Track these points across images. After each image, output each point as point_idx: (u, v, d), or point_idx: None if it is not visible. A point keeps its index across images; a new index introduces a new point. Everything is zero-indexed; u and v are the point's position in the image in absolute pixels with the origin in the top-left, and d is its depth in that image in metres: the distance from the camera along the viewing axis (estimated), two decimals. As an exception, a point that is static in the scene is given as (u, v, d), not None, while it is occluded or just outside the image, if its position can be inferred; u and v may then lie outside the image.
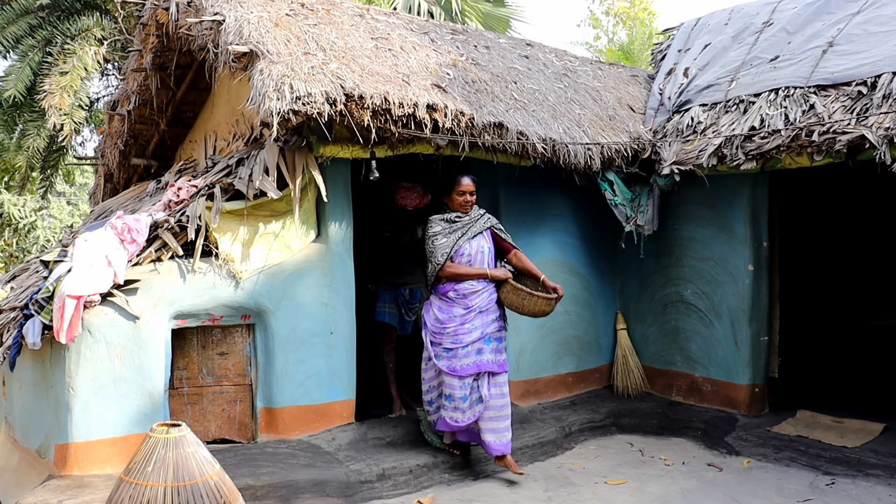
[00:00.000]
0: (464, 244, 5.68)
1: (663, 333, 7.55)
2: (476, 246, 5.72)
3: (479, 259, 5.71)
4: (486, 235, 5.81)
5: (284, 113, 5.18)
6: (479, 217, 5.83)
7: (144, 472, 3.89)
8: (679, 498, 5.39)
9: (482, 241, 5.77)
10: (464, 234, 5.69)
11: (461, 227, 5.73)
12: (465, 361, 5.60)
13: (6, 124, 15.63)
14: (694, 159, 6.65)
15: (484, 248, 5.75)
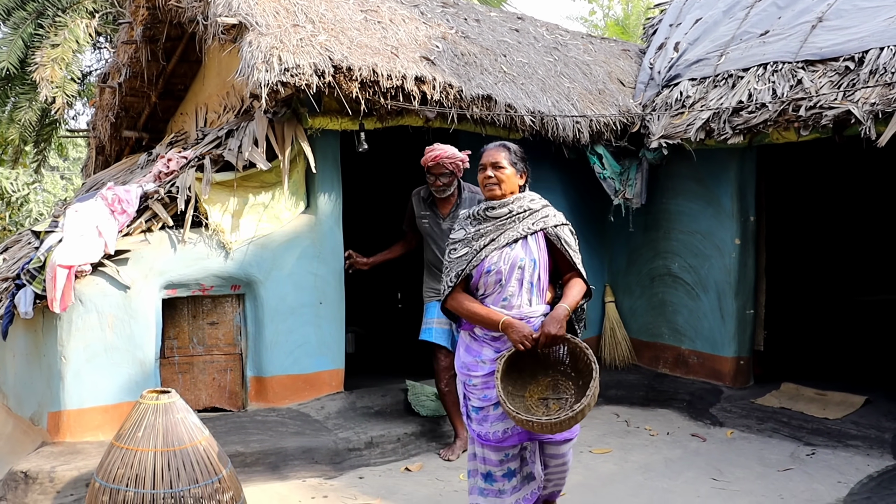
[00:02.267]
0: (490, 255, 3.76)
1: (651, 306, 7.62)
2: (513, 257, 3.74)
3: (512, 278, 3.73)
4: (536, 241, 3.80)
5: (273, 85, 5.21)
6: (527, 212, 3.84)
7: (135, 438, 3.96)
8: (662, 467, 5.48)
9: (525, 250, 3.77)
10: (493, 240, 3.78)
11: (492, 227, 3.82)
12: (498, 427, 3.83)
13: (-2, 97, 15.56)
14: (682, 133, 6.68)
15: (524, 260, 3.74)
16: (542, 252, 3.79)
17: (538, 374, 3.82)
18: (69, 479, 4.70)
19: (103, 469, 3.97)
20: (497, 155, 3.83)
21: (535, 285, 3.77)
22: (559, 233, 3.81)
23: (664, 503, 4.80)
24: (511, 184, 3.83)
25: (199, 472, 3.96)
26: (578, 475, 5.31)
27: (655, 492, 4.99)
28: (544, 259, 3.79)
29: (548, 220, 3.83)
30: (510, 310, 3.72)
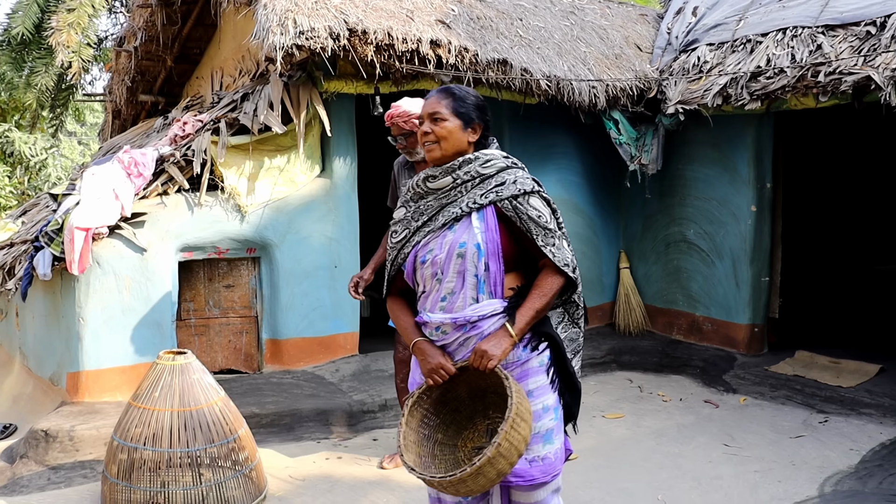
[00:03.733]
0: (425, 240, 2.83)
1: (665, 273, 7.61)
2: (450, 243, 2.77)
3: (451, 270, 2.77)
4: (484, 219, 2.76)
5: (288, 48, 5.20)
6: (477, 179, 2.79)
7: (152, 398, 4.02)
8: (674, 432, 5.50)
9: (467, 232, 2.76)
10: (430, 220, 2.84)
11: (433, 203, 2.85)
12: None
13: (15, 62, 15.60)
14: (699, 99, 6.63)
15: (465, 245, 2.74)
16: (490, 233, 2.72)
17: (476, 415, 2.84)
18: (88, 438, 4.77)
19: (121, 428, 4.03)
20: (436, 104, 2.81)
21: (484, 279, 2.72)
22: (519, 206, 2.72)
23: (676, 468, 4.82)
24: (456, 141, 2.78)
25: (215, 433, 4.02)
26: (591, 440, 5.34)
27: (667, 456, 5.02)
28: (494, 243, 2.72)
29: (502, 189, 2.73)
30: (450, 311, 2.74)
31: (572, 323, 2.94)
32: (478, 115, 2.84)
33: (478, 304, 2.72)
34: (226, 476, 4.03)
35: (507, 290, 2.76)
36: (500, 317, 2.70)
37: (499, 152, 2.86)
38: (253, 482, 4.17)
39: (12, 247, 5.83)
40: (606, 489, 4.50)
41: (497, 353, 2.59)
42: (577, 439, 5.31)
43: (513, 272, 2.80)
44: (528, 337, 2.75)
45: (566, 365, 2.85)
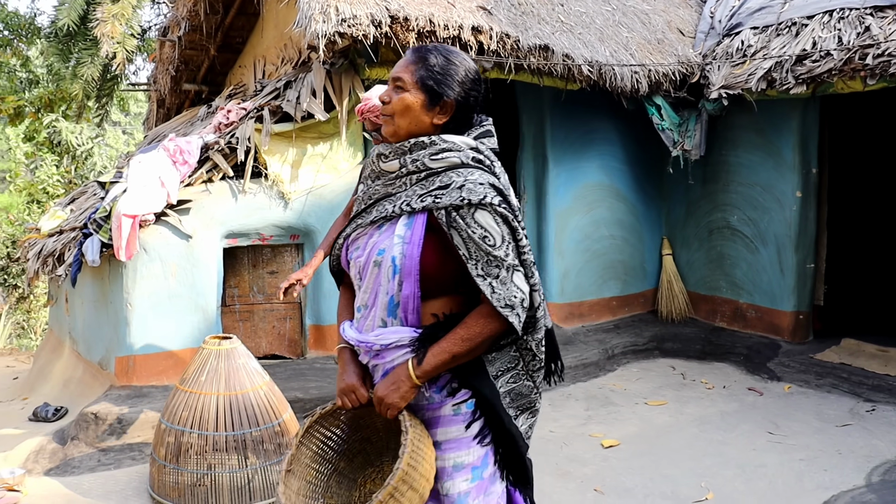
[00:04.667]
0: (356, 236, 2.38)
1: (709, 259, 7.54)
2: (371, 247, 2.29)
3: (367, 279, 2.29)
4: (411, 228, 2.21)
5: (330, 35, 5.22)
6: (423, 173, 2.23)
7: (198, 382, 4.08)
8: (718, 419, 5.46)
9: (388, 240, 2.24)
10: (366, 211, 2.37)
11: (380, 189, 2.35)
12: None
13: (62, 53, 15.87)
14: (743, 83, 6.55)
15: (382, 254, 2.23)
16: (412, 247, 2.16)
17: (386, 454, 2.45)
18: (136, 421, 4.87)
19: (169, 411, 4.10)
20: (403, 68, 2.26)
21: (398, 301, 2.20)
22: (458, 220, 2.12)
23: (719, 455, 4.80)
24: (413, 119, 2.23)
25: (260, 416, 4.07)
26: (634, 426, 5.34)
27: (710, 443, 4.99)
28: (413, 259, 2.16)
29: (443, 194, 2.14)
30: (361, 330, 2.30)
31: (527, 375, 2.32)
32: (455, 92, 2.23)
33: (385, 329, 2.22)
34: (270, 460, 4.08)
35: (429, 317, 2.22)
36: (406, 350, 2.18)
37: (465, 142, 2.24)
38: (298, 465, 4.22)
39: (62, 234, 5.94)
40: (649, 475, 4.49)
41: (395, 401, 2.14)
42: (620, 426, 5.33)
43: (449, 296, 2.24)
44: (446, 377, 2.22)
45: (502, 423, 2.26)
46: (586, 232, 7.40)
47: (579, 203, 7.34)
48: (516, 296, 2.13)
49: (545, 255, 7.26)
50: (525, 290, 2.16)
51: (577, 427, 5.37)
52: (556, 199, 7.21)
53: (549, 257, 7.23)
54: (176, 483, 4.00)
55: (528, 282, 2.19)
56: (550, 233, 7.21)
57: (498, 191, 2.17)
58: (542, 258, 7.28)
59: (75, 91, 15.81)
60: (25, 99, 17.42)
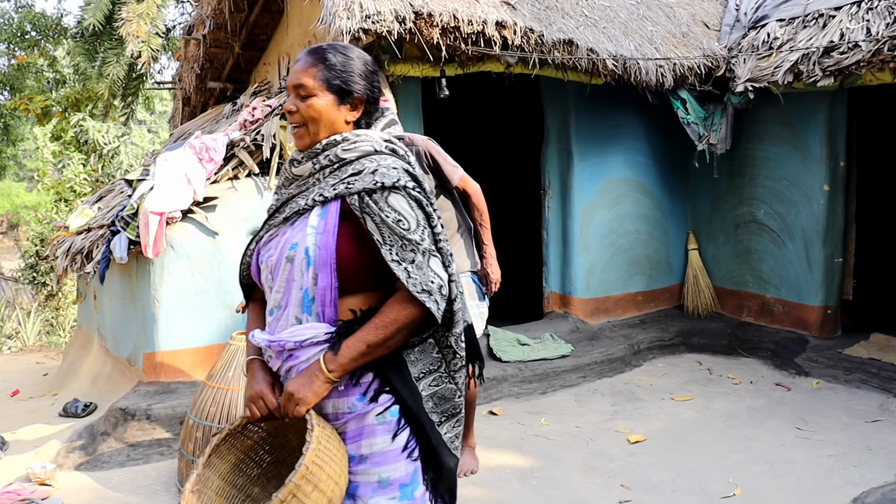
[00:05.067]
0: (269, 237, 2.24)
1: (735, 254, 7.49)
2: (283, 243, 2.17)
3: (279, 277, 2.16)
4: (324, 217, 2.11)
5: (354, 32, 5.23)
6: (335, 165, 2.16)
7: (226, 378, 4.11)
8: (745, 415, 5.43)
9: (300, 233, 2.13)
10: (277, 213, 2.27)
11: (295, 192, 2.24)
12: None
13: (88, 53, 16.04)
14: (769, 76, 6.49)
15: (295, 248, 2.11)
16: (326, 237, 2.07)
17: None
18: (164, 416, 4.91)
19: (196, 407, 4.13)
20: (303, 72, 2.16)
21: (312, 295, 2.08)
22: (371, 204, 2.04)
23: (747, 451, 4.77)
24: (328, 122, 2.16)
25: (287, 412, 4.09)
26: (660, 421, 5.32)
27: (738, 439, 4.96)
28: (328, 249, 2.06)
29: (356, 179, 2.07)
30: (273, 332, 2.15)
31: (449, 377, 2.19)
32: (361, 86, 2.20)
33: (299, 325, 2.09)
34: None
35: (347, 314, 2.10)
36: (323, 347, 2.05)
37: (377, 134, 2.21)
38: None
39: (90, 231, 5.99)
40: (676, 471, 4.48)
41: (306, 396, 1.99)
42: (646, 421, 5.31)
43: (367, 292, 2.13)
44: (367, 381, 2.07)
45: (424, 431, 2.11)
46: (611, 227, 7.37)
47: (604, 198, 7.31)
48: (433, 281, 2.04)
49: (570, 250, 7.24)
50: (443, 277, 2.07)
51: (603, 422, 5.35)
52: (581, 194, 7.19)
53: (574, 252, 7.21)
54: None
55: (445, 270, 2.10)
56: (575, 228, 7.20)
57: (412, 176, 2.13)
58: (567, 253, 7.26)
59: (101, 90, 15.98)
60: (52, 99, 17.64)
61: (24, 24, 18.16)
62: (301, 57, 2.20)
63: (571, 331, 6.89)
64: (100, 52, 15.67)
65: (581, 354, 6.43)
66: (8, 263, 27.49)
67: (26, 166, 32.14)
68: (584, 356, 6.38)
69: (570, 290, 7.28)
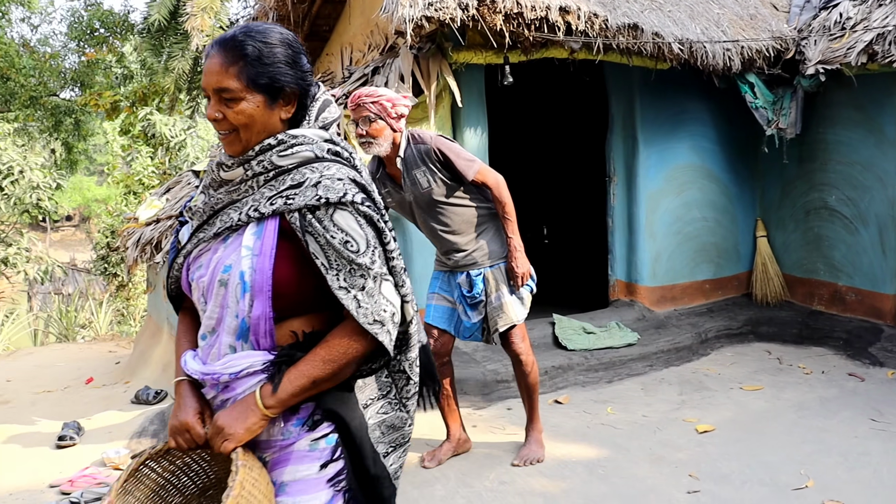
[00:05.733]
0: (198, 252, 1.97)
1: (805, 241, 7.32)
2: (215, 264, 1.90)
3: (212, 301, 1.90)
4: (260, 236, 1.85)
5: (417, 20, 5.23)
6: (271, 173, 1.88)
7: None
8: (817, 405, 5.31)
9: (234, 253, 1.86)
10: (208, 224, 1.96)
11: (224, 198, 1.94)
12: None
13: (154, 48, 16.36)
14: (841, 58, 6.31)
15: (229, 271, 1.85)
16: (262, 259, 1.82)
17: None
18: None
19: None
20: (222, 71, 1.84)
21: (249, 324, 1.84)
22: (313, 223, 1.80)
23: (819, 442, 4.66)
24: (261, 126, 1.88)
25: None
26: (729, 411, 5.23)
27: (810, 430, 4.85)
28: (264, 274, 1.81)
29: (297, 193, 1.82)
30: (206, 360, 1.93)
31: (399, 404, 2.02)
32: (291, 77, 1.89)
33: (233, 355, 1.86)
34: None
35: (286, 338, 1.87)
36: (260, 378, 1.83)
37: (317, 134, 1.92)
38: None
39: (158, 222, 6.11)
40: (746, 462, 4.40)
41: (237, 433, 1.77)
42: (715, 411, 5.23)
43: (309, 314, 1.90)
44: (308, 407, 1.86)
45: (364, 462, 1.89)
46: (678, 214, 7.27)
47: (670, 185, 7.21)
48: (386, 310, 1.83)
49: (636, 237, 7.16)
50: (396, 303, 1.86)
51: (671, 412, 5.29)
52: (647, 180, 7.10)
53: (640, 240, 7.13)
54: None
55: (398, 292, 1.89)
56: (641, 215, 7.11)
57: (360, 187, 1.87)
58: (633, 241, 7.19)
59: (167, 84, 16.29)
60: (121, 94, 18.03)
61: (94, 21, 18.59)
62: (214, 51, 1.86)
63: (637, 319, 6.82)
64: (165, 47, 15.98)
65: (647, 343, 6.36)
66: (80, 255, 28.28)
67: (96, 161, 32.99)
68: (650, 345, 6.31)
69: (635, 278, 7.21)
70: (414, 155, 4.10)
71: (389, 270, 1.88)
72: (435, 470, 4.35)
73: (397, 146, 4.11)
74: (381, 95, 3.98)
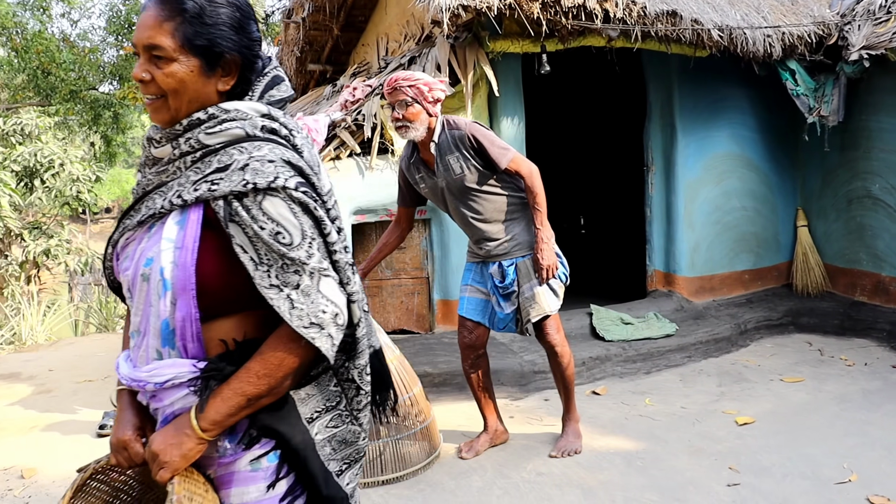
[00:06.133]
0: (125, 242, 1.74)
1: (847, 230, 7.20)
2: (138, 255, 1.67)
3: (137, 298, 1.67)
4: (183, 226, 1.61)
5: (454, 9, 5.21)
6: (198, 152, 1.65)
7: (331, 355, 4.13)
8: (860, 398, 5.22)
9: (155, 246, 1.63)
10: (134, 208, 1.75)
11: (153, 179, 1.73)
12: None
13: (191, 40, 16.45)
14: (886, 43, 6.18)
15: (150, 265, 1.62)
16: (184, 253, 1.60)
17: None
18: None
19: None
20: (155, 26, 1.62)
21: (174, 326, 1.63)
22: (239, 211, 1.57)
23: (862, 435, 4.58)
24: (192, 93, 1.66)
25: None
26: (769, 403, 5.17)
27: (853, 423, 4.77)
28: (186, 270, 1.59)
29: (221, 178, 1.59)
30: (135, 362, 1.72)
31: (350, 416, 1.79)
32: (234, 44, 1.67)
33: (159, 362, 1.65)
34: (401, 433, 4.13)
35: (216, 345, 1.66)
36: (186, 392, 1.63)
37: (254, 108, 1.69)
38: (427, 439, 4.26)
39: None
40: (787, 455, 4.33)
41: (173, 460, 1.59)
42: (754, 403, 5.17)
43: (242, 313, 1.68)
44: (244, 422, 1.66)
45: (314, 483, 1.71)
46: (717, 203, 7.18)
47: (709, 174, 7.12)
48: (325, 310, 1.59)
49: (674, 227, 7.09)
50: (339, 302, 1.62)
51: (710, 403, 5.24)
52: (685, 169, 7.02)
53: (679, 230, 7.06)
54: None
55: (343, 290, 1.66)
56: (680, 205, 7.04)
57: (297, 169, 1.63)
58: (672, 230, 7.12)
59: (205, 76, 16.36)
60: (158, 85, 18.14)
61: (132, 15, 18.78)
62: (151, 3, 1.63)
63: (676, 310, 6.76)
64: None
65: (686, 334, 6.30)
66: (119, 246, 28.54)
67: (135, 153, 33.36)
68: (688, 335, 6.25)
69: (674, 269, 7.14)
70: (448, 140, 4.06)
71: (333, 265, 1.65)
72: (472, 461, 4.34)
73: (432, 131, 4.07)
74: (417, 79, 3.97)
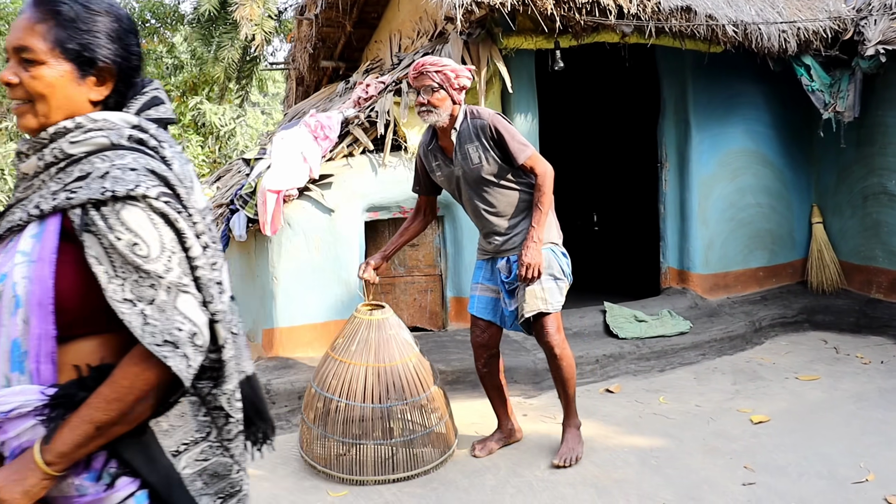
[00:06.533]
0: None
1: (863, 227, 7.14)
2: None
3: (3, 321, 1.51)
4: (40, 241, 1.51)
5: (467, 5, 5.20)
6: (61, 162, 1.57)
7: (349, 351, 4.14)
8: (876, 396, 5.18)
9: (8, 260, 1.54)
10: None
11: (21, 197, 1.62)
12: None
13: (204, 38, 16.53)
14: (903, 38, 6.14)
15: (6, 283, 1.51)
16: (42, 267, 1.50)
17: None
18: (283, 391, 5.01)
19: (319, 376, 4.19)
20: (27, 31, 1.57)
21: (26, 348, 1.50)
22: (98, 221, 1.48)
23: (879, 434, 4.54)
24: (62, 99, 1.58)
25: (408, 390, 4.10)
26: (784, 401, 5.14)
27: (869, 422, 4.74)
28: (43, 284, 1.49)
29: (80, 187, 1.51)
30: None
31: (220, 447, 1.69)
32: (109, 52, 1.61)
33: (6, 390, 1.50)
34: (415, 433, 4.12)
35: (68, 370, 1.53)
36: (34, 422, 1.50)
37: (124, 118, 1.61)
38: (441, 438, 4.25)
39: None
40: (803, 453, 4.31)
41: (14, 498, 1.44)
42: (769, 401, 5.13)
43: (101, 335, 1.56)
44: (101, 457, 1.52)
45: None
46: (731, 200, 7.14)
47: (723, 170, 7.08)
48: (182, 328, 1.49)
49: (688, 224, 7.05)
50: (198, 320, 1.52)
51: (724, 402, 5.20)
52: (699, 166, 6.98)
53: (693, 226, 7.02)
54: (322, 447, 4.13)
55: (205, 309, 1.55)
56: (694, 201, 7.00)
57: (161, 179, 1.54)
58: (685, 227, 7.08)
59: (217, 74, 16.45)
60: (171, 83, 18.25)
61: (145, 12, 18.84)
62: (27, 7, 1.58)
63: (689, 307, 6.72)
64: (215, 37, 16.13)
65: (700, 331, 6.26)
66: (133, 243, 28.60)
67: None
68: (703, 333, 6.22)
69: (688, 266, 7.10)
70: (469, 129, 4.03)
71: (195, 281, 1.55)
72: (485, 459, 4.33)
73: (454, 118, 4.05)
74: (445, 65, 3.97)
